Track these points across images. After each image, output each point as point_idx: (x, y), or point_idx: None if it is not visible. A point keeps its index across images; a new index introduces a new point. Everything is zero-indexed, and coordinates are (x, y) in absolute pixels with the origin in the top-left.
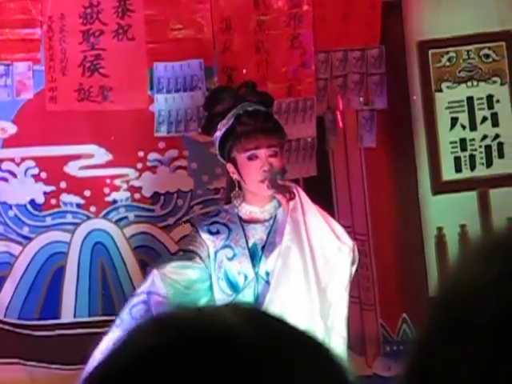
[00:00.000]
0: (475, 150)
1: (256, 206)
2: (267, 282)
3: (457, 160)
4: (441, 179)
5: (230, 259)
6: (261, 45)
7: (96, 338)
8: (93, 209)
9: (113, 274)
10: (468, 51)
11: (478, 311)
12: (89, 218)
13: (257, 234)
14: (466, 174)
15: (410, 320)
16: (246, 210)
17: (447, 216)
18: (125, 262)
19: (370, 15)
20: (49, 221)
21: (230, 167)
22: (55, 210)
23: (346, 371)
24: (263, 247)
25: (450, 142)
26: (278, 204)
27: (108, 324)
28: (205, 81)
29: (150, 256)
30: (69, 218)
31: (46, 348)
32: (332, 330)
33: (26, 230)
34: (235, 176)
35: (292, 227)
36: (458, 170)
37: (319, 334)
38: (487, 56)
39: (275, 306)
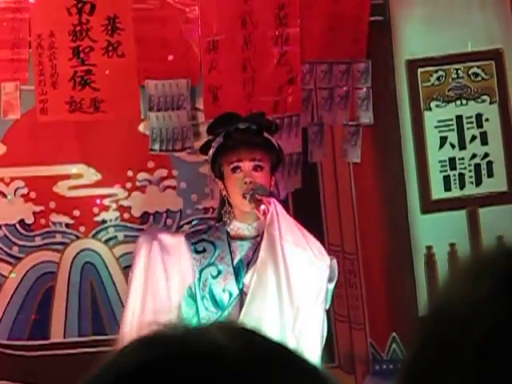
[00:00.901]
0: (464, 168)
1: (244, 222)
2: None
3: (446, 179)
4: (430, 198)
5: (215, 277)
6: (247, 63)
7: (86, 358)
8: (82, 229)
9: (102, 293)
10: (457, 70)
11: (468, 329)
12: (78, 237)
13: (243, 251)
14: (455, 192)
15: (400, 339)
16: (234, 226)
17: (436, 235)
18: (114, 282)
19: (357, 30)
20: (38, 241)
21: (221, 184)
22: (44, 229)
23: None
24: (248, 264)
25: (439, 161)
26: None
27: (98, 344)
28: (190, 100)
29: None
30: (58, 238)
31: (36, 369)
32: (305, 348)
33: (15, 250)
34: (224, 192)
35: (268, 243)
36: (448, 188)
37: None
38: (476, 75)
39: (249, 321)
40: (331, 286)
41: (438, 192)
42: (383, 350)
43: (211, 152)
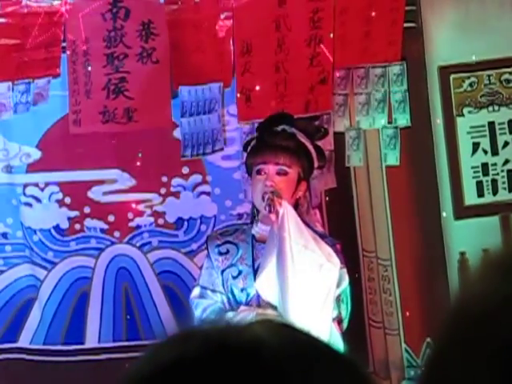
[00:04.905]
0: (497, 174)
1: (269, 225)
2: None
3: (479, 185)
4: (463, 204)
5: (235, 277)
6: (280, 64)
7: (120, 364)
8: (117, 234)
9: (137, 299)
10: (489, 76)
11: (494, 327)
12: (113, 243)
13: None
14: (488, 198)
15: None
16: (259, 228)
17: (470, 241)
18: (148, 287)
19: (392, 32)
20: (73, 246)
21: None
22: (79, 234)
23: None
24: None
25: (472, 167)
26: None
27: (132, 349)
28: (221, 103)
29: (173, 281)
30: (93, 243)
31: (70, 374)
32: None
33: (50, 255)
34: None
35: (278, 244)
36: (480, 194)
37: None
38: (508, 81)
39: None
40: (338, 291)
41: (470, 198)
42: (418, 355)
43: (247, 153)
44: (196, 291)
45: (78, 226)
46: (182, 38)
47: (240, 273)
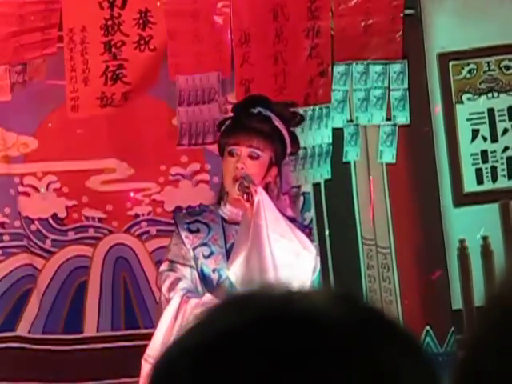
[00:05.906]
0: (497, 161)
1: (238, 208)
2: None
3: (478, 172)
4: (462, 191)
5: (207, 257)
6: (279, 55)
7: (119, 352)
8: (115, 223)
9: (135, 288)
10: (488, 63)
11: None
12: (111, 232)
13: (237, 235)
14: (487, 185)
15: (433, 332)
16: (228, 210)
17: (469, 228)
18: (147, 277)
19: (391, 29)
20: (71, 235)
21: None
22: (77, 224)
23: (432, 362)
24: None
25: (472, 154)
26: None
27: (131, 338)
28: (221, 93)
29: None
30: (91, 233)
31: (69, 363)
32: None
33: (48, 244)
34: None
35: (254, 233)
36: (480, 181)
37: None
38: (508, 67)
39: None
40: (313, 277)
41: (470, 185)
42: None
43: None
44: (165, 265)
45: (75, 216)
46: (179, 27)
47: (212, 253)
